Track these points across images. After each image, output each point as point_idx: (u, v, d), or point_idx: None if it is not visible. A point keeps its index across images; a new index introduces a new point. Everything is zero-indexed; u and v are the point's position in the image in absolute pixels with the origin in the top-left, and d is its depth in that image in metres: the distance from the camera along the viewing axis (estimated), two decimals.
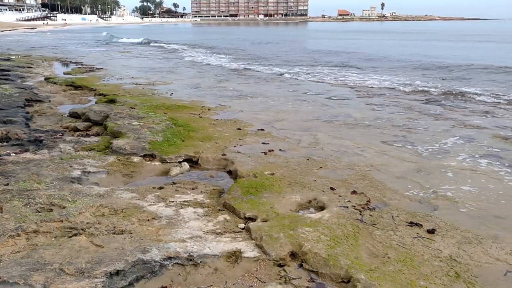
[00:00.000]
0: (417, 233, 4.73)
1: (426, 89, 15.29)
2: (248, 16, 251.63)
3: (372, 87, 16.09)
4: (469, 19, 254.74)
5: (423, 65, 23.28)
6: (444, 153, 7.76)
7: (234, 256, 4.28)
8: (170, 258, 4.08)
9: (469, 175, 6.61)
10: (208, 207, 5.43)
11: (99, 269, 3.74)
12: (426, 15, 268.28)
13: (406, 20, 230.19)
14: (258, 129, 9.22)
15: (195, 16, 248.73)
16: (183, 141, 8.16)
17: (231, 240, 4.57)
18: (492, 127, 9.75)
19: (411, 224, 4.93)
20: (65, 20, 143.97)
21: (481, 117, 10.84)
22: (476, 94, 14.13)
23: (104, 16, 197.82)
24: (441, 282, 3.84)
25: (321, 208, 5.48)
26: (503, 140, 8.68)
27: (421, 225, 4.91)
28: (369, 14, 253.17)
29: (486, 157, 7.53)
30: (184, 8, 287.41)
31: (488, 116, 10.98)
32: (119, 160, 7.07)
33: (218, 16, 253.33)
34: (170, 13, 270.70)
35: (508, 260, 4.23)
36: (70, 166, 6.53)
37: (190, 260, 4.14)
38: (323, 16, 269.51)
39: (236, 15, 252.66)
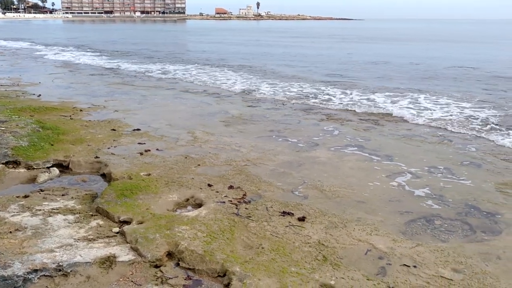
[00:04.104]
0: (289, 222, 4.98)
1: (300, 88, 16.09)
2: (124, 13, 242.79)
3: (249, 87, 16.50)
4: (336, 19, 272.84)
5: (301, 63, 24.49)
6: (314, 145, 8.25)
7: (108, 262, 4.13)
8: (35, 270, 3.81)
9: (335, 164, 7.12)
10: (79, 213, 5.17)
11: None
12: (299, 15, 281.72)
13: (280, 19, 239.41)
14: (134, 129, 8.97)
15: (66, 13, 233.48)
16: (52, 145, 7.65)
17: (104, 245, 4.40)
18: (356, 120, 10.62)
19: (284, 213, 5.18)
20: None
21: (345, 112, 11.74)
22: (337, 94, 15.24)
23: None
24: (310, 267, 4.09)
25: (199, 205, 5.51)
26: (364, 131, 9.48)
27: (292, 214, 5.18)
28: (245, 13, 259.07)
29: (350, 147, 8.17)
30: (53, 4, 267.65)
31: (351, 110, 11.91)
32: None
33: (91, 12, 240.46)
34: (37, 8, 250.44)
35: (369, 240, 4.64)
36: None
37: (59, 270, 3.90)
38: (201, 14, 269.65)
39: (111, 12, 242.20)
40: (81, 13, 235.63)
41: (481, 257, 4.33)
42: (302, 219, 5.03)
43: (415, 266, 4.14)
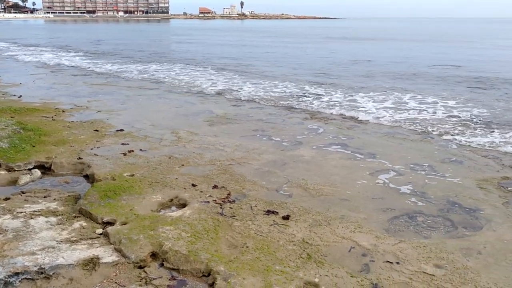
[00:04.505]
0: (274, 221, 5.00)
1: (284, 88, 16.13)
2: (107, 13, 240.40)
3: (233, 87, 16.49)
4: (320, 18, 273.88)
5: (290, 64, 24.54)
6: (298, 144, 8.28)
7: (91, 263, 4.09)
8: (17, 274, 3.76)
9: (319, 163, 7.16)
10: (62, 214, 5.11)
11: None
12: (283, 14, 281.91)
13: (264, 18, 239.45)
14: (118, 130, 8.90)
15: (47, 12, 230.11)
16: (33, 146, 7.55)
17: (87, 247, 4.36)
18: (340, 118, 10.69)
19: (268, 212, 5.19)
20: None
21: (329, 111, 11.80)
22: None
23: None
24: (295, 265, 4.10)
25: (183, 205, 5.50)
26: (347, 129, 9.55)
27: (277, 212, 5.19)
28: (229, 13, 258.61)
29: (334, 145, 8.22)
30: (34, 3, 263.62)
31: (334, 109, 11.98)
32: None
33: (74, 12, 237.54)
34: (17, 8, 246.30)
35: (352, 237, 4.68)
36: None
37: (41, 273, 3.86)
38: (185, 13, 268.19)
39: (93, 12, 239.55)
40: (63, 13, 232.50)
41: (462, 253, 4.40)
42: (286, 217, 5.05)
43: (398, 263, 4.18)
